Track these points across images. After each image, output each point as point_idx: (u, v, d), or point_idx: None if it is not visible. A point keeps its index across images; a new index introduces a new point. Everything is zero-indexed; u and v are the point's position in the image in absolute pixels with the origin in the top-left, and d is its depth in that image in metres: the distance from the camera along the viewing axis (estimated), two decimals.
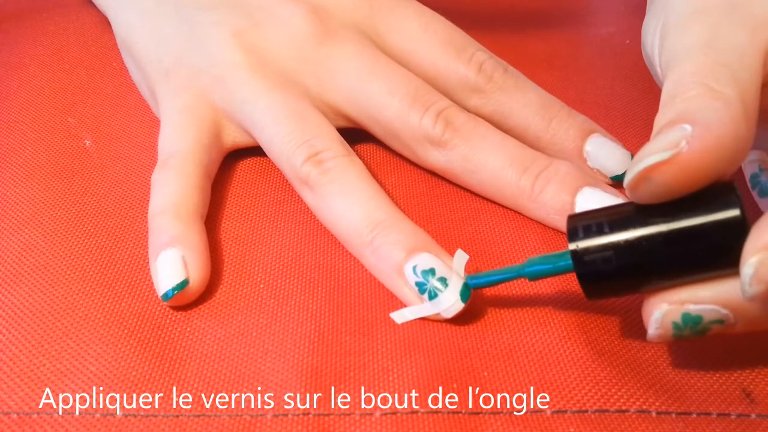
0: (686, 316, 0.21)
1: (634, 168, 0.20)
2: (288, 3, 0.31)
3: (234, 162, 0.31)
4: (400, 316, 0.25)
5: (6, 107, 0.34)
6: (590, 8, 0.44)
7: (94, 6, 0.39)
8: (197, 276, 0.25)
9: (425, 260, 0.24)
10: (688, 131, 0.19)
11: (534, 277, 0.23)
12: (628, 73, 0.37)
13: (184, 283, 0.24)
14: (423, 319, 0.24)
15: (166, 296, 0.24)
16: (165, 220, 0.26)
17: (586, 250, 0.21)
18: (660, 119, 0.21)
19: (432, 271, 0.24)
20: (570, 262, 0.22)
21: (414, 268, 0.24)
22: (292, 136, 0.28)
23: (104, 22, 0.38)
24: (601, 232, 0.21)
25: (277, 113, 0.29)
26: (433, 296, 0.24)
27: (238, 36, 0.30)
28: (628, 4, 0.44)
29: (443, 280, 0.24)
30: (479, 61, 0.30)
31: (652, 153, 0.19)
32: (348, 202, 0.26)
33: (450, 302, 0.24)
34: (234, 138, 0.30)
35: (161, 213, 0.26)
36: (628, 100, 0.35)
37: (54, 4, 0.42)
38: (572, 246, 0.21)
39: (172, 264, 0.25)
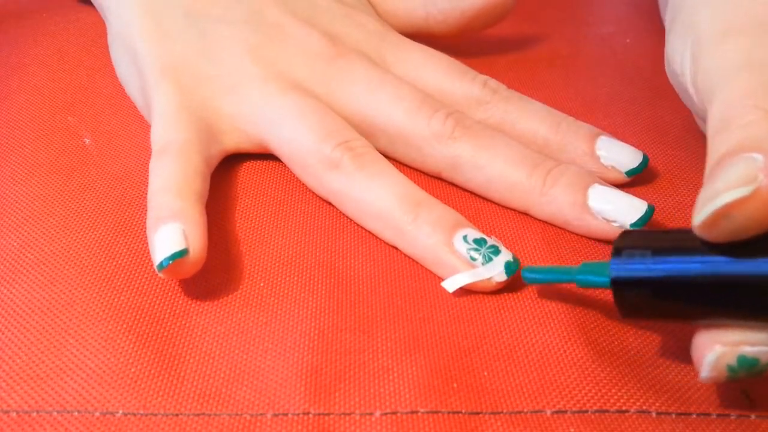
0: (742, 359, 0.19)
1: (709, 205, 0.19)
2: (304, 25, 0.32)
3: (234, 162, 0.31)
4: (451, 284, 0.25)
5: (6, 107, 0.34)
6: (590, 8, 0.44)
7: (94, 6, 0.39)
8: (197, 248, 0.24)
9: (474, 232, 0.26)
10: (760, 161, 0.18)
11: (584, 286, 0.23)
12: (628, 73, 0.37)
13: (183, 252, 0.24)
14: (423, 318, 0.24)
15: (161, 265, 0.24)
16: (166, 197, 0.26)
17: (630, 282, 0.21)
18: (717, 146, 0.20)
19: (483, 240, 0.25)
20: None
21: (465, 237, 0.25)
22: (321, 126, 0.29)
23: (104, 22, 0.37)
24: (654, 256, 0.20)
25: (303, 108, 0.29)
26: (488, 261, 0.25)
27: (254, 50, 0.31)
28: (629, 4, 0.44)
29: (495, 248, 0.25)
30: (483, 79, 0.32)
31: (729, 188, 0.18)
32: (387, 182, 0.27)
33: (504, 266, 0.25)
34: (237, 142, 0.30)
35: (162, 191, 0.26)
36: (628, 99, 0.35)
37: (54, 4, 0.42)
38: (614, 273, 0.21)
39: (171, 235, 0.24)
